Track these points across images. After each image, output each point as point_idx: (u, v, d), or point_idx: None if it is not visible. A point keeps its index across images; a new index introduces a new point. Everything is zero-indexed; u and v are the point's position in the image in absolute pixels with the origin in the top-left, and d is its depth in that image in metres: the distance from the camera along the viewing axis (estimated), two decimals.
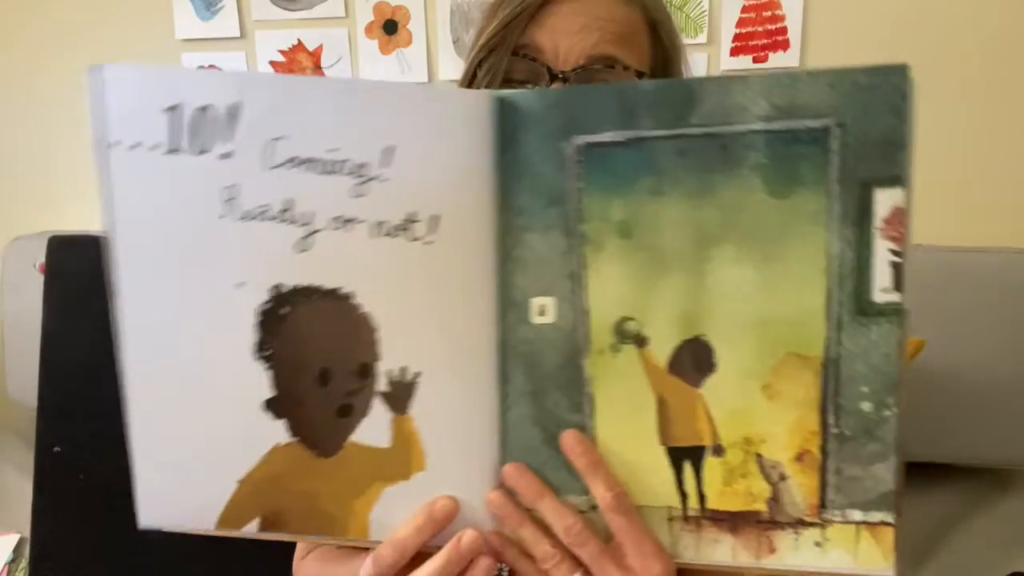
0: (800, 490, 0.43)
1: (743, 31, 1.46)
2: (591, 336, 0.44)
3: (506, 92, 0.44)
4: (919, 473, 1.15)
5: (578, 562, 0.44)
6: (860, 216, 0.40)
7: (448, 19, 1.69)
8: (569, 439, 0.45)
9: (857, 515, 0.42)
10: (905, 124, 0.38)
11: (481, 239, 0.45)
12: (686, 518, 0.44)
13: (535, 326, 0.45)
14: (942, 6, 1.41)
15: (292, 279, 0.45)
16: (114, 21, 1.77)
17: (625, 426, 0.44)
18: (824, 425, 0.42)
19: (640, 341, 0.43)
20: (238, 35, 1.74)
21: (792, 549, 0.43)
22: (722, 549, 0.44)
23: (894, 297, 0.40)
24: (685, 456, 0.44)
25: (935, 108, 1.43)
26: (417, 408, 0.46)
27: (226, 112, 0.43)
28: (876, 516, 0.42)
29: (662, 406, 0.44)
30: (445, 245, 0.45)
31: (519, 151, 0.44)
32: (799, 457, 0.43)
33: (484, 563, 0.46)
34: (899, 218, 0.39)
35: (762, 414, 0.43)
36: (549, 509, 0.45)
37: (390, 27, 1.70)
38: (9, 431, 1.53)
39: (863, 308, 0.40)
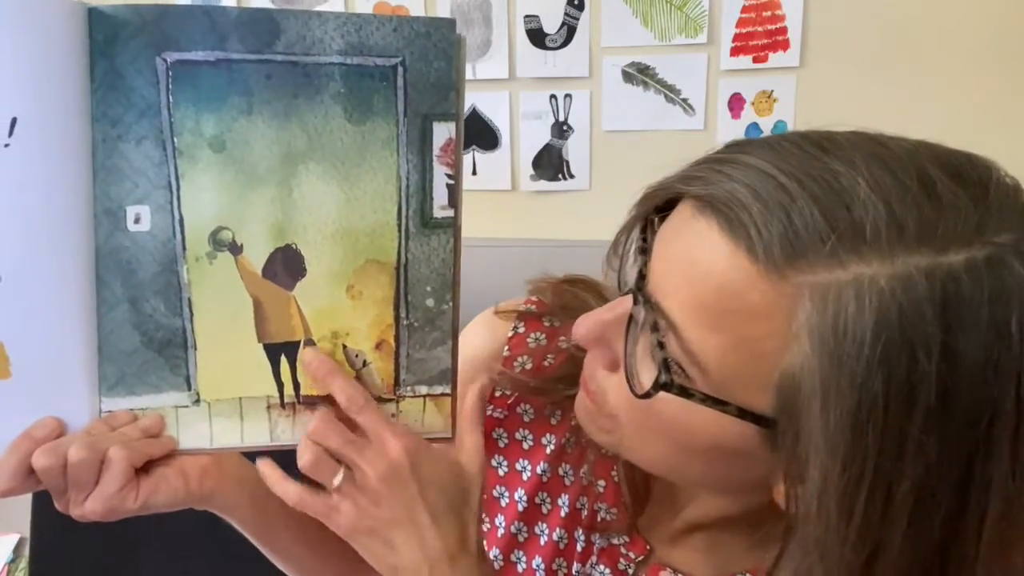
0: (379, 373, 0.51)
1: (743, 31, 1.43)
2: (187, 244, 0.47)
3: (101, 4, 0.44)
4: None
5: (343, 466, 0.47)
6: (422, 144, 0.48)
7: None
8: (307, 356, 0.48)
9: (423, 389, 0.52)
10: (453, 69, 0.47)
11: (69, 146, 0.45)
12: (283, 405, 0.50)
13: (131, 233, 0.47)
14: (942, 6, 1.39)
15: None
16: None
17: (224, 327, 0.48)
18: (397, 319, 0.51)
19: (235, 249, 0.48)
20: None
21: None
22: None
23: (449, 212, 0.49)
24: (280, 351, 0.50)
25: (934, 107, 1.40)
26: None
27: None
28: (438, 389, 0.52)
29: (258, 307, 0.49)
30: (24, 149, 0.44)
31: (114, 62, 0.45)
32: (378, 346, 0.51)
33: (118, 460, 0.45)
34: (451, 147, 0.48)
35: (347, 311, 0.50)
36: (337, 384, 0.48)
37: None
38: None
39: (426, 221, 0.49)
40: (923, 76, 1.42)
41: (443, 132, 0.48)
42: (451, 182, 0.49)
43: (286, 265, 0.48)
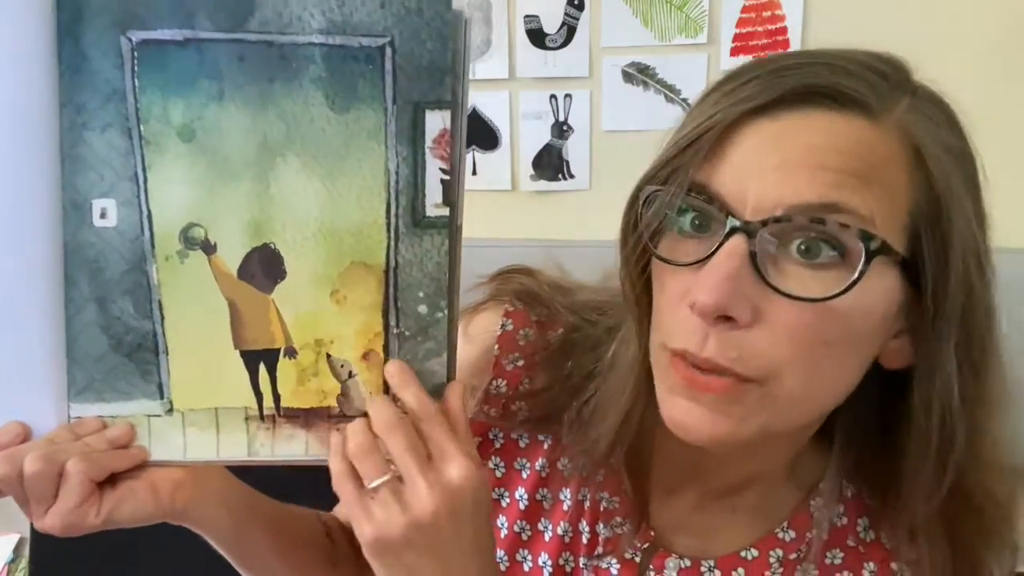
0: (366, 385, 0.47)
1: (743, 31, 1.45)
2: (156, 242, 0.43)
3: None
4: None
5: (389, 466, 0.42)
6: (413, 135, 0.43)
7: None
8: (391, 368, 0.45)
9: None
10: (449, 51, 0.42)
11: (35, 134, 0.42)
12: (262, 417, 0.47)
13: (97, 229, 0.43)
14: (942, 6, 1.39)
15: None
16: None
17: (197, 331, 0.45)
18: (387, 326, 0.46)
19: (208, 247, 0.43)
20: None
21: None
22: (296, 444, 0.47)
23: (443, 211, 0.44)
24: (259, 359, 0.46)
25: None
26: None
27: None
28: None
29: (234, 311, 0.45)
30: None
31: (79, 43, 0.41)
32: (365, 356, 0.46)
33: (76, 470, 0.42)
34: (445, 139, 0.43)
35: (331, 318, 0.45)
36: (412, 391, 0.43)
37: None
38: None
39: (417, 220, 0.44)
40: (922, 77, 1.30)
41: (437, 122, 0.43)
42: (446, 177, 0.44)
43: (264, 266, 0.44)
